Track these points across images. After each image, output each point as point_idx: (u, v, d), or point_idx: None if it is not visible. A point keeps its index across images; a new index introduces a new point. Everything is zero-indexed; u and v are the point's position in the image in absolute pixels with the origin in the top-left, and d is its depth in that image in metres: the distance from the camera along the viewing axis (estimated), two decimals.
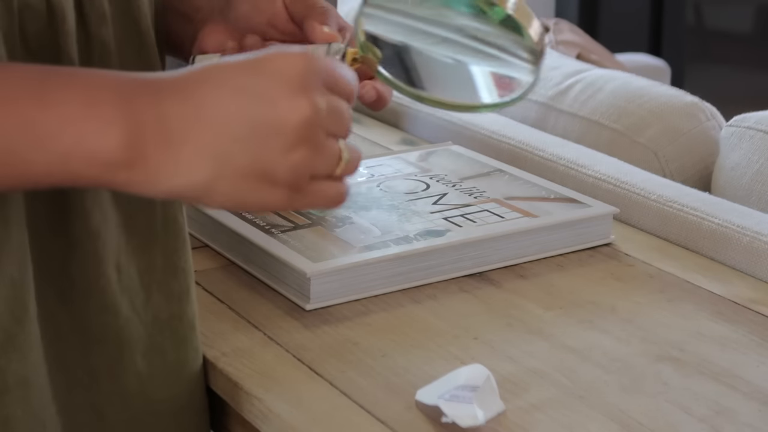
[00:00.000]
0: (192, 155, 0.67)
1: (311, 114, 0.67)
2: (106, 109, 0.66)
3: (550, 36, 2.46)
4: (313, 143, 0.68)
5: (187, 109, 0.67)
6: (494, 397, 0.83)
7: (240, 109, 0.67)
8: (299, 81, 0.68)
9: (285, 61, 0.68)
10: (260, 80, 0.67)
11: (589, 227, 1.13)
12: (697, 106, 1.48)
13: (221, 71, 0.68)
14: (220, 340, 0.95)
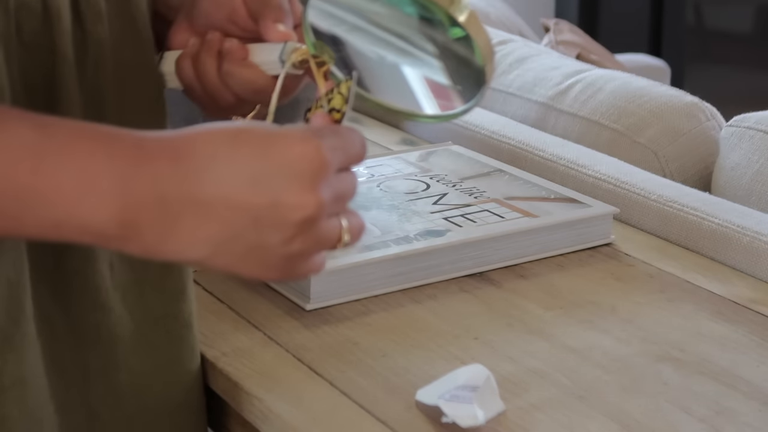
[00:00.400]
0: (188, 240, 0.66)
1: (315, 211, 0.66)
2: (102, 183, 0.64)
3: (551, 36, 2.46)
4: (312, 236, 0.67)
5: (187, 190, 0.65)
6: (494, 397, 0.83)
7: (242, 200, 0.65)
8: (309, 178, 0.66)
9: (297, 153, 0.66)
10: (268, 171, 0.65)
11: (590, 227, 1.13)
12: (697, 107, 1.48)
13: (230, 150, 0.65)
14: (221, 340, 0.95)
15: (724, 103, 1.68)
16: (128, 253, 0.67)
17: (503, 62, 1.71)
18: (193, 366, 0.92)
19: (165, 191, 0.65)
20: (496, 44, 1.76)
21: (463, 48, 0.74)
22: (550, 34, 2.47)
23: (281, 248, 0.67)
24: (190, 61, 0.87)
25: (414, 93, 0.81)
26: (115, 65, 0.83)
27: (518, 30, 2.57)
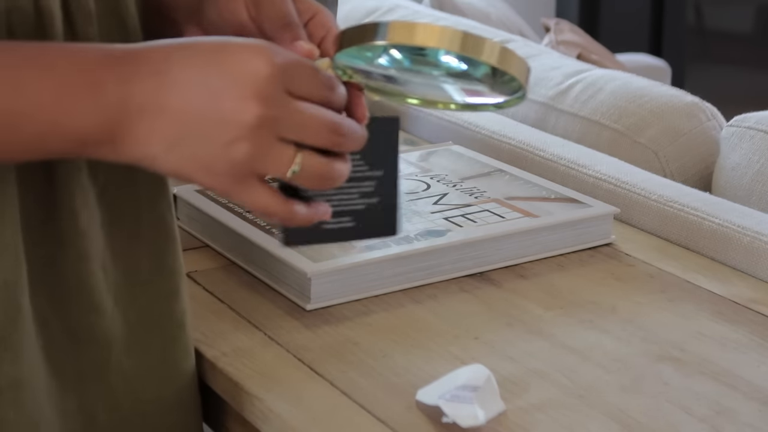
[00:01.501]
0: (145, 137, 0.71)
1: (252, 119, 0.70)
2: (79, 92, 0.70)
3: (551, 36, 2.46)
4: (255, 144, 0.71)
5: (147, 91, 0.71)
6: (495, 397, 0.83)
7: (193, 101, 0.71)
8: (252, 85, 0.70)
9: (245, 60, 0.71)
10: (216, 76, 0.71)
11: (590, 227, 1.13)
12: (697, 107, 1.48)
13: (188, 56, 0.71)
14: (221, 340, 0.95)
15: (725, 103, 1.68)
16: (103, 158, 0.72)
17: None
18: (187, 366, 0.92)
19: (130, 93, 0.70)
20: None
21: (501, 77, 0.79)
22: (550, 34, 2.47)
23: (223, 152, 0.71)
24: None
25: (452, 93, 0.82)
26: None
27: (519, 30, 2.57)
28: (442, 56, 0.79)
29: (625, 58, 2.80)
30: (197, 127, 0.71)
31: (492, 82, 0.80)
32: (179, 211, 1.16)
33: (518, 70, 0.77)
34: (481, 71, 0.79)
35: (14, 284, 0.79)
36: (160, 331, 0.90)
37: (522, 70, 0.77)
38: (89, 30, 0.82)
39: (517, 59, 0.76)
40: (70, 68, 0.71)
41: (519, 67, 0.77)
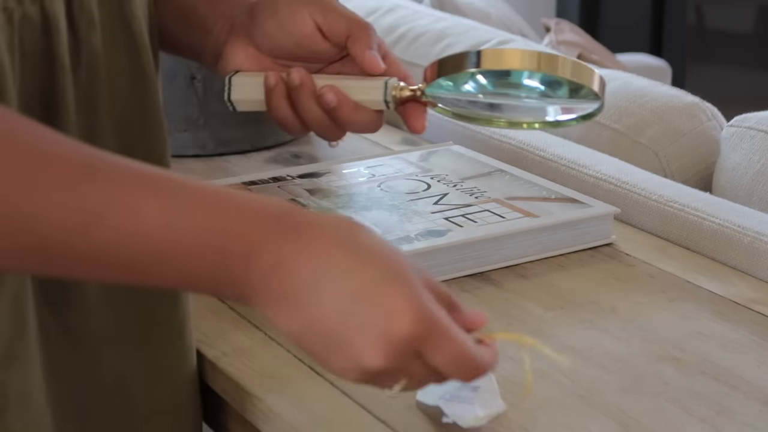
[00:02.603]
0: (286, 314, 0.68)
1: (378, 366, 0.67)
2: (231, 258, 0.66)
3: (552, 36, 2.46)
4: (373, 380, 0.69)
5: (296, 280, 0.67)
6: (495, 397, 0.83)
7: (337, 311, 0.67)
8: (388, 341, 0.67)
9: (393, 312, 0.67)
10: (361, 308, 0.67)
11: (590, 227, 1.13)
12: (697, 107, 1.48)
13: (343, 269, 0.67)
14: (221, 339, 0.95)
15: (725, 103, 1.68)
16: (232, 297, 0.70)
17: None
18: (186, 372, 0.92)
19: (284, 260, 0.66)
20: (497, 44, 1.77)
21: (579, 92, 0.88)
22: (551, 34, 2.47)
23: (345, 369, 0.68)
24: (286, 102, 0.94)
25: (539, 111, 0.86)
26: (108, 71, 0.83)
27: (519, 30, 2.57)
28: (525, 79, 0.82)
29: (626, 58, 2.80)
30: (325, 339, 0.68)
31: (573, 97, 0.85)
32: None
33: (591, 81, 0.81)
34: (563, 89, 0.83)
35: (21, 297, 0.79)
36: (160, 336, 0.90)
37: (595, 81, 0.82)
38: (92, 37, 0.82)
39: (588, 72, 0.80)
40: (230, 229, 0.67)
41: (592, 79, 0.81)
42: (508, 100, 0.87)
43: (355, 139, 1.47)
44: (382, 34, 1.92)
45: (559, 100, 0.88)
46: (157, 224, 0.65)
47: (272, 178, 1.22)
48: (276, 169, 1.32)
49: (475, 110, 0.89)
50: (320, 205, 1.14)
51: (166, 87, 1.34)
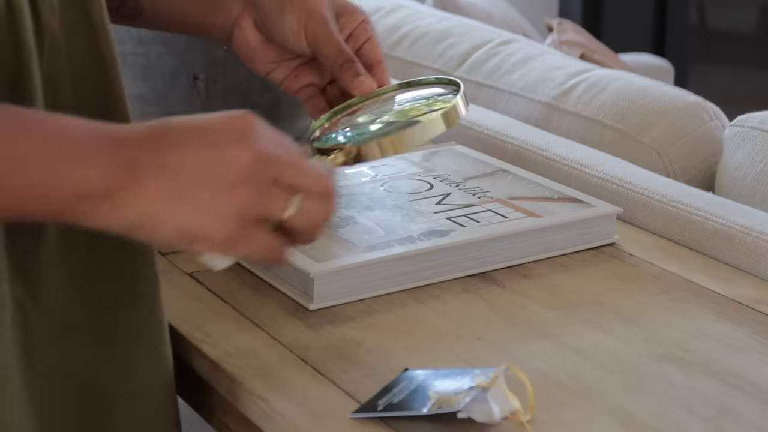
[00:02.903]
0: (152, 193, 0.75)
1: (252, 160, 0.77)
2: (94, 156, 0.75)
3: (554, 36, 2.46)
4: (256, 186, 0.77)
5: (152, 157, 0.76)
6: (507, 396, 0.83)
7: (193, 156, 0.76)
8: (244, 135, 0.77)
9: (232, 119, 0.78)
10: (213, 134, 0.77)
11: (593, 227, 1.13)
12: (700, 106, 1.48)
13: (183, 134, 0.77)
14: (224, 340, 0.95)
15: (728, 103, 1.68)
16: (98, 217, 0.75)
17: (507, 62, 1.71)
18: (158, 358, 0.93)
19: (137, 159, 0.75)
20: (500, 44, 1.77)
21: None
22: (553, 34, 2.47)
23: (230, 193, 0.76)
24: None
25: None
26: (69, 55, 0.87)
27: (522, 30, 2.57)
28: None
29: (628, 58, 2.80)
30: (200, 175, 0.76)
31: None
32: None
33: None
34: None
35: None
36: (121, 320, 0.91)
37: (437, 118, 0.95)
38: (52, 22, 0.85)
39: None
40: (85, 132, 0.76)
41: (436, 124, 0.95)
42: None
43: None
44: (385, 33, 1.92)
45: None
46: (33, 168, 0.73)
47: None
48: None
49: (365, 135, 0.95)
50: None
51: (168, 87, 1.34)
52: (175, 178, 0.76)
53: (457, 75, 1.75)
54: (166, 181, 0.75)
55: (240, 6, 1.01)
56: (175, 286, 1.03)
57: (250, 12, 1.00)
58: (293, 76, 1.04)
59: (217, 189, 0.76)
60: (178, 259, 1.09)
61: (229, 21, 1.01)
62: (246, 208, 0.77)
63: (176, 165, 0.76)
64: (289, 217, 0.79)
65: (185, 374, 1.00)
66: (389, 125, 0.96)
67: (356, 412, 0.84)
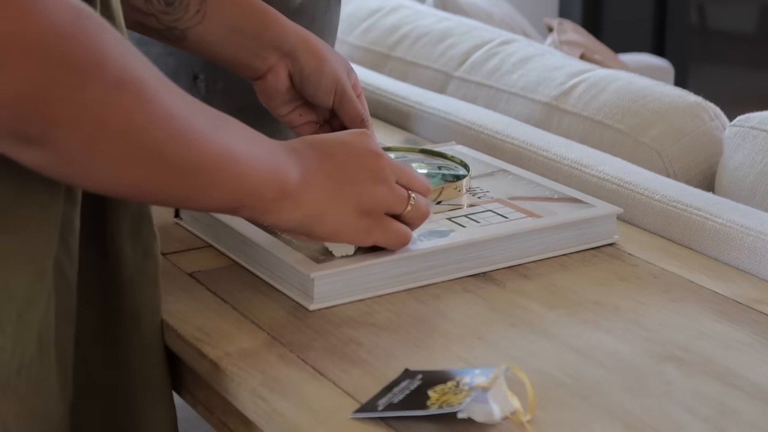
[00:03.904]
0: (317, 193, 0.93)
1: (385, 164, 0.97)
2: (284, 158, 0.92)
3: (554, 36, 2.46)
4: (388, 185, 0.97)
5: (318, 164, 0.94)
6: (507, 396, 0.83)
7: (342, 162, 0.95)
8: (375, 148, 0.98)
9: (355, 135, 0.99)
10: (351, 145, 0.97)
11: (593, 227, 1.13)
12: (700, 106, 1.48)
13: (330, 145, 0.97)
14: (224, 340, 0.95)
15: (728, 103, 1.68)
16: (281, 212, 0.91)
17: (507, 62, 1.71)
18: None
19: (309, 165, 0.93)
20: (500, 44, 1.77)
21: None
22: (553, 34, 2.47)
23: (371, 191, 0.95)
24: None
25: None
26: None
27: (522, 30, 2.57)
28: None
29: (628, 58, 2.80)
30: (349, 176, 0.95)
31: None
32: (183, 211, 1.17)
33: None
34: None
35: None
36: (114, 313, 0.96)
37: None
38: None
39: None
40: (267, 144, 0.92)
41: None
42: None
43: None
44: (385, 33, 1.92)
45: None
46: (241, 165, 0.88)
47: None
48: None
49: None
50: None
51: None
52: (332, 181, 0.93)
53: (457, 75, 1.76)
54: (325, 184, 0.93)
55: (277, 56, 1.14)
56: (175, 286, 1.03)
57: (287, 63, 1.15)
58: (298, 114, 1.19)
59: (363, 186, 0.95)
60: (178, 259, 1.09)
61: (264, 66, 1.15)
62: (381, 202, 0.96)
63: (332, 169, 0.94)
64: (407, 212, 0.98)
65: (185, 374, 1.00)
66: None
67: (356, 412, 0.84)
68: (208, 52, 1.14)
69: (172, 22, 1.12)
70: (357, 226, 0.96)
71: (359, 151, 0.96)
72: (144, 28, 1.13)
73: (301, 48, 1.16)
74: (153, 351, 0.97)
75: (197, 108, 0.85)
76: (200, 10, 1.11)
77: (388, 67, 1.88)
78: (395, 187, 0.97)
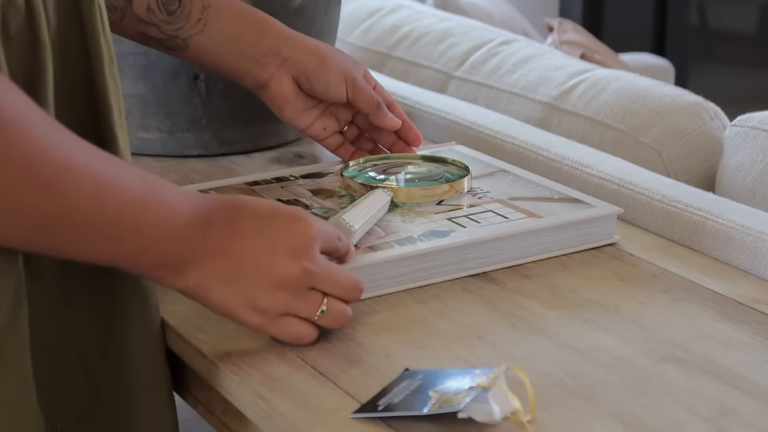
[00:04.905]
0: (210, 269, 0.87)
1: (299, 274, 0.88)
2: (179, 234, 0.85)
3: (554, 36, 2.46)
4: (294, 292, 0.89)
5: (222, 236, 0.87)
6: (507, 396, 0.83)
7: (252, 250, 0.88)
8: (299, 247, 0.88)
9: (297, 227, 0.89)
10: (274, 234, 0.88)
11: (593, 227, 1.13)
12: (701, 106, 1.48)
13: (253, 214, 0.89)
14: (225, 340, 0.95)
15: (728, 103, 1.68)
16: (166, 280, 0.87)
17: (507, 62, 1.71)
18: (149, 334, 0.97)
19: (208, 242, 0.87)
20: (500, 44, 1.77)
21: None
22: (553, 34, 2.47)
23: (269, 293, 0.88)
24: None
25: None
26: (60, 48, 0.90)
27: (522, 29, 2.57)
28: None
29: (629, 58, 2.80)
30: (252, 270, 0.87)
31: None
32: None
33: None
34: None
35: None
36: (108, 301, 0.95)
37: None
38: (53, 17, 0.89)
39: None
40: (174, 213, 0.85)
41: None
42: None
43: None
44: (385, 33, 1.92)
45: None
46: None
47: (275, 178, 1.22)
48: (279, 169, 1.32)
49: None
50: (323, 206, 1.14)
51: (168, 86, 1.34)
52: (230, 265, 0.87)
53: (457, 75, 1.76)
54: (223, 265, 0.87)
55: (276, 64, 1.16)
56: None
57: (288, 69, 1.17)
58: (321, 127, 1.22)
59: (261, 285, 0.87)
60: None
61: (264, 74, 1.16)
62: (279, 307, 0.89)
63: (236, 254, 0.87)
64: (316, 319, 0.91)
65: (185, 374, 1.00)
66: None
67: (356, 412, 0.84)
68: (209, 61, 1.16)
69: (174, 31, 1.14)
70: (247, 318, 0.89)
71: (280, 246, 0.88)
72: (146, 37, 1.15)
73: (300, 50, 1.17)
74: (154, 353, 0.97)
75: (86, 153, 0.80)
76: (201, 18, 1.13)
77: (389, 67, 1.88)
78: (304, 294, 0.89)
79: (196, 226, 0.86)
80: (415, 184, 1.17)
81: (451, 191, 1.16)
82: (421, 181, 1.18)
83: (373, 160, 1.24)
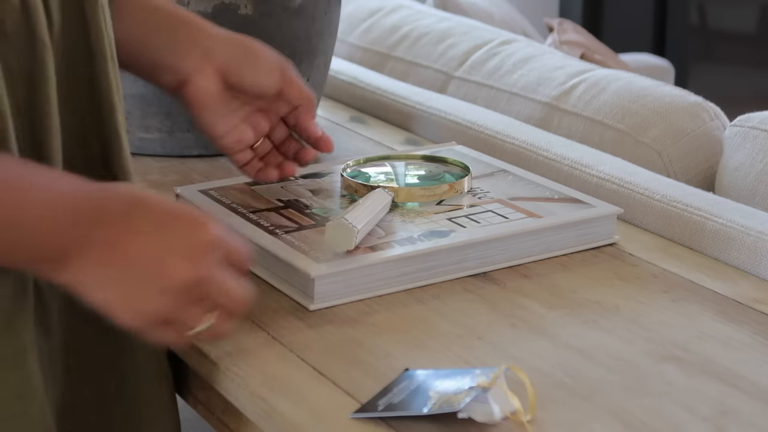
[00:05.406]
0: (94, 262, 0.81)
1: (191, 281, 0.82)
2: (62, 228, 0.81)
3: (554, 36, 2.46)
4: (179, 301, 0.82)
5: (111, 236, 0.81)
6: (507, 396, 0.83)
7: (145, 249, 0.81)
8: (196, 251, 0.82)
9: (197, 230, 0.83)
10: (171, 234, 0.82)
11: (593, 227, 1.13)
12: (701, 106, 1.48)
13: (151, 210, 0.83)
14: (225, 340, 0.95)
15: (728, 103, 1.68)
16: (48, 274, 0.82)
17: (507, 62, 1.71)
18: None
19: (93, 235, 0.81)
20: (500, 44, 1.77)
21: None
22: (553, 34, 2.47)
23: (150, 299, 0.82)
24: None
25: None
26: (63, 47, 0.90)
27: (522, 30, 2.57)
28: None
29: (629, 58, 2.80)
30: (141, 269, 0.81)
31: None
32: None
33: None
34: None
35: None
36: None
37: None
38: (56, 16, 0.89)
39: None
40: (52, 204, 0.81)
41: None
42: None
43: (358, 139, 1.47)
44: (385, 33, 1.92)
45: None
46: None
47: None
48: None
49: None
50: (323, 206, 1.14)
51: None
52: (116, 261, 0.81)
53: (457, 75, 1.75)
54: (107, 260, 0.81)
55: (197, 56, 1.05)
56: None
57: (212, 62, 1.05)
58: (235, 139, 1.10)
59: (145, 288, 0.81)
60: None
61: (185, 66, 1.05)
62: (160, 314, 0.82)
63: (124, 250, 0.81)
64: (191, 333, 0.85)
65: (185, 374, 1.00)
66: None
67: (356, 412, 0.84)
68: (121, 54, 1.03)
69: None
70: (126, 321, 0.83)
71: (174, 247, 0.82)
72: None
73: (223, 41, 1.07)
74: (156, 354, 0.97)
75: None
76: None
77: (389, 67, 1.88)
78: (190, 305, 0.83)
79: (84, 215, 0.81)
80: (416, 184, 1.17)
81: (451, 191, 1.16)
82: (421, 181, 1.18)
83: (371, 159, 1.24)
